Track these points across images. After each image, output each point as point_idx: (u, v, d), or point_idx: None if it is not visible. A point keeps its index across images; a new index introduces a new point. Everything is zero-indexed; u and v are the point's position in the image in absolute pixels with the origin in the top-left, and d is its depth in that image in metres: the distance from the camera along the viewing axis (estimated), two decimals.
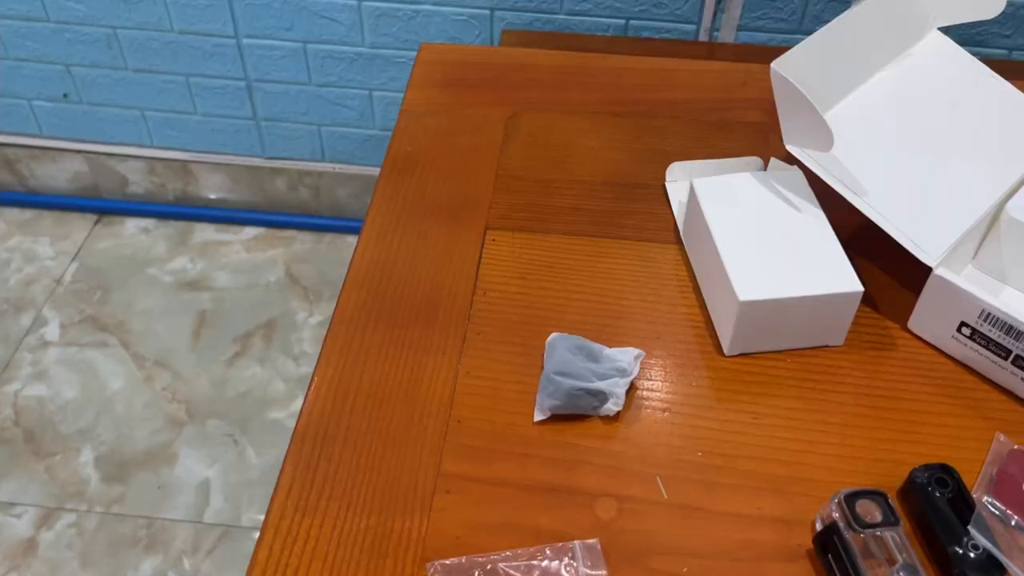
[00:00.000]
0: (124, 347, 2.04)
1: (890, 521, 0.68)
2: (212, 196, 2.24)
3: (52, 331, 2.05)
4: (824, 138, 0.83)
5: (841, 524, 0.68)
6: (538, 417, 0.78)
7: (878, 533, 0.68)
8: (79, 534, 1.72)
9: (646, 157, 1.03)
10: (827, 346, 0.85)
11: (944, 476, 0.72)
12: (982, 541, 0.68)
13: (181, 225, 2.28)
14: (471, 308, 0.88)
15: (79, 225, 2.28)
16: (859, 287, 0.80)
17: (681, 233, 0.94)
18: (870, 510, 0.69)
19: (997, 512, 0.72)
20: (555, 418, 0.79)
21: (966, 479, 0.73)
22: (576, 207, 0.97)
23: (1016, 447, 0.76)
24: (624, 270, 0.91)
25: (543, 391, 0.78)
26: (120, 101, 2.10)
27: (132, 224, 2.29)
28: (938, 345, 0.84)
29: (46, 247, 2.23)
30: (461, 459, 0.76)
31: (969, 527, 0.68)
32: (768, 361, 0.84)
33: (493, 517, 0.72)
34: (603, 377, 0.78)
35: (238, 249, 2.23)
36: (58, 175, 2.24)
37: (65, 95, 2.10)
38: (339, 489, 0.74)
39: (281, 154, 2.15)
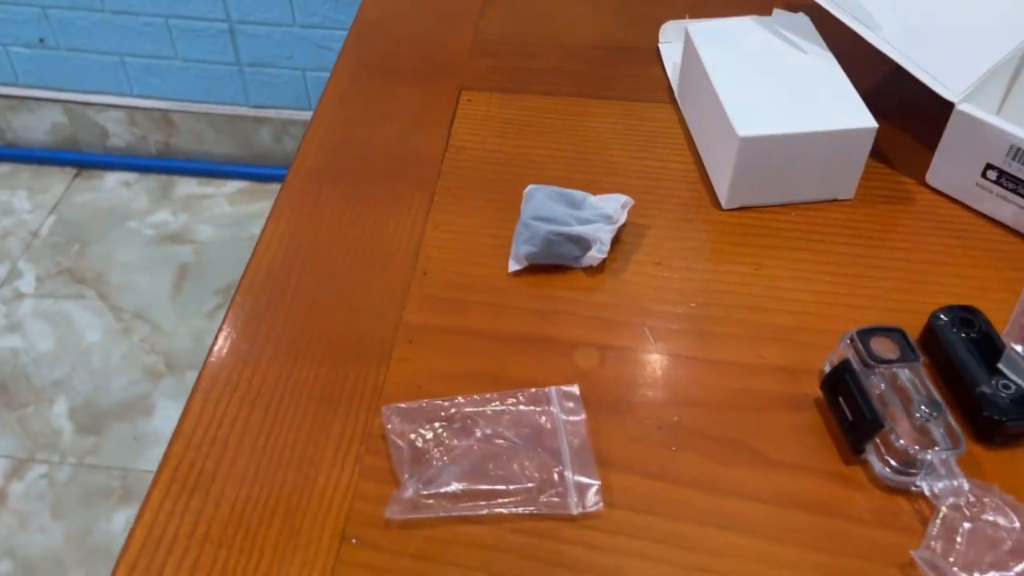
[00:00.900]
0: (102, 299, 1.95)
1: (909, 357, 0.59)
2: (194, 148, 2.15)
3: (27, 283, 1.97)
4: None
5: (854, 362, 0.59)
6: (513, 268, 0.70)
7: (895, 370, 0.59)
8: (51, 485, 1.64)
9: (637, 22, 0.94)
10: (836, 200, 0.76)
11: (969, 316, 0.63)
12: (1015, 379, 0.59)
13: (163, 179, 2.20)
14: (441, 165, 0.79)
15: (58, 178, 2.20)
16: (873, 123, 0.71)
17: (676, 93, 0.85)
18: (886, 347, 0.60)
19: None
20: (533, 269, 0.70)
21: (1001, 329, 0.64)
22: (559, 69, 0.89)
23: None
24: (610, 128, 0.82)
25: (518, 238, 0.69)
26: (98, 46, 2.02)
27: (112, 178, 2.21)
28: (959, 197, 0.76)
29: (23, 200, 2.15)
30: (427, 310, 0.68)
31: (1000, 365, 0.59)
32: (771, 214, 0.75)
33: (461, 366, 0.64)
34: (586, 223, 0.69)
35: (221, 203, 2.15)
36: (36, 126, 2.16)
37: (41, 40, 2.02)
38: (286, 339, 0.65)
39: (266, 102, 2.06)
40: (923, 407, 0.57)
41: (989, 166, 0.72)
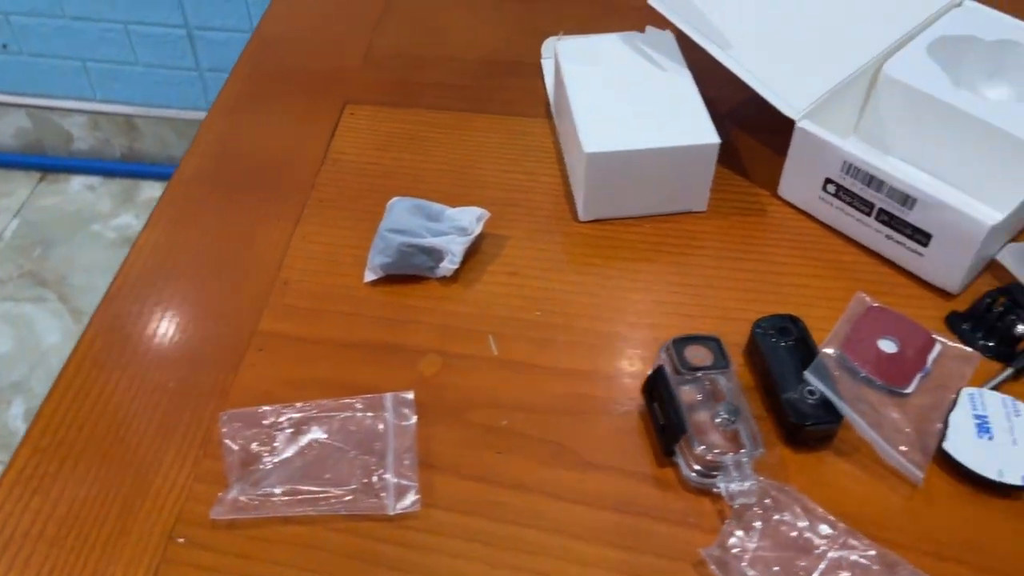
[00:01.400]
0: (62, 302, 1.99)
1: (720, 365, 0.62)
2: (158, 152, 2.19)
3: None
4: None
5: (668, 369, 0.63)
6: (369, 277, 0.73)
7: (713, 377, 0.62)
8: None
9: (529, 37, 0.97)
10: (690, 212, 0.79)
11: (788, 325, 0.67)
12: (818, 386, 0.62)
13: (127, 182, 2.23)
14: (317, 177, 0.82)
15: (23, 182, 2.23)
16: (716, 139, 0.74)
17: (551, 106, 0.89)
18: (700, 354, 0.63)
19: (848, 365, 0.66)
20: (390, 280, 0.73)
21: (824, 337, 0.67)
22: (447, 83, 0.92)
23: (875, 305, 0.71)
24: (487, 142, 0.86)
25: (374, 249, 0.73)
26: (60, 51, 2.05)
27: (77, 181, 2.24)
28: (807, 209, 0.79)
29: None
30: (282, 319, 0.71)
31: (805, 373, 0.63)
32: (625, 226, 0.78)
33: (308, 374, 0.67)
34: (440, 235, 0.73)
35: None
36: (1, 131, 2.20)
37: (4, 45, 2.06)
38: (144, 346, 0.69)
39: None
40: (723, 413, 0.61)
41: (828, 180, 0.75)
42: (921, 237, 0.71)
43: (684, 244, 0.76)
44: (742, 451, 0.59)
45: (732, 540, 0.58)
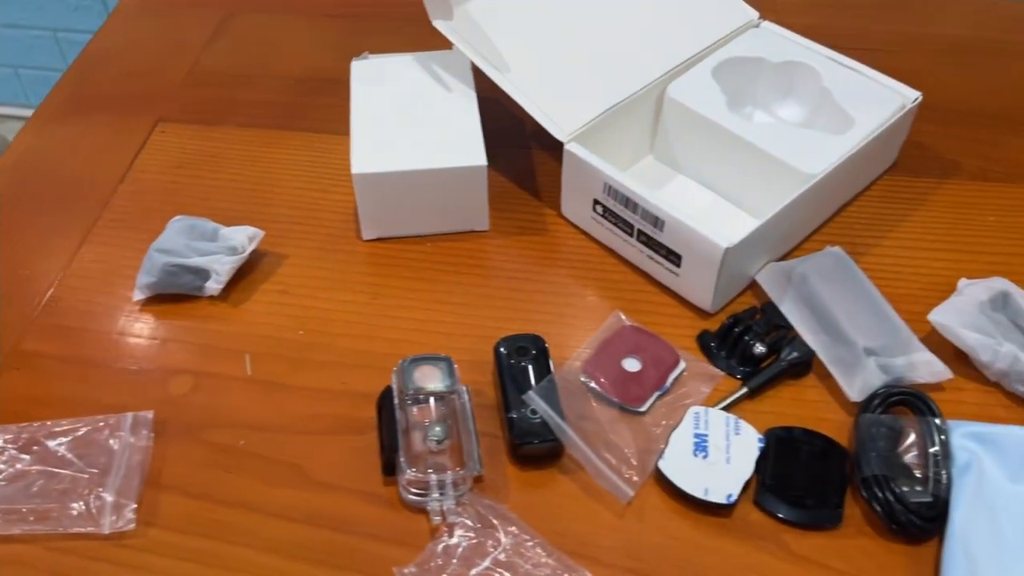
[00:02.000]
0: None
1: (448, 385, 0.64)
2: None
3: None
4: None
5: (395, 389, 0.64)
6: (137, 296, 0.74)
7: (423, 395, 0.63)
8: None
9: (352, 56, 0.98)
10: (474, 231, 0.80)
11: (528, 345, 0.68)
12: (537, 406, 0.64)
13: None
14: (113, 195, 0.83)
15: None
16: (483, 161, 0.75)
17: None
18: (430, 374, 0.64)
19: (587, 384, 0.67)
20: (161, 299, 0.75)
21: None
22: (263, 101, 0.94)
23: (627, 324, 0.72)
24: (290, 159, 0.87)
25: (142, 268, 0.74)
26: None
27: None
28: (585, 228, 0.80)
29: None
30: (46, 338, 0.72)
31: (527, 394, 0.64)
32: (407, 245, 0.79)
33: (60, 392, 0.69)
34: (208, 254, 0.74)
35: None
36: None
37: None
38: None
39: None
40: (434, 433, 0.62)
41: (596, 201, 0.76)
42: (674, 258, 0.72)
43: (463, 263, 0.78)
44: (447, 472, 0.60)
45: (435, 559, 0.59)
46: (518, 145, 0.78)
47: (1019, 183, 0.84)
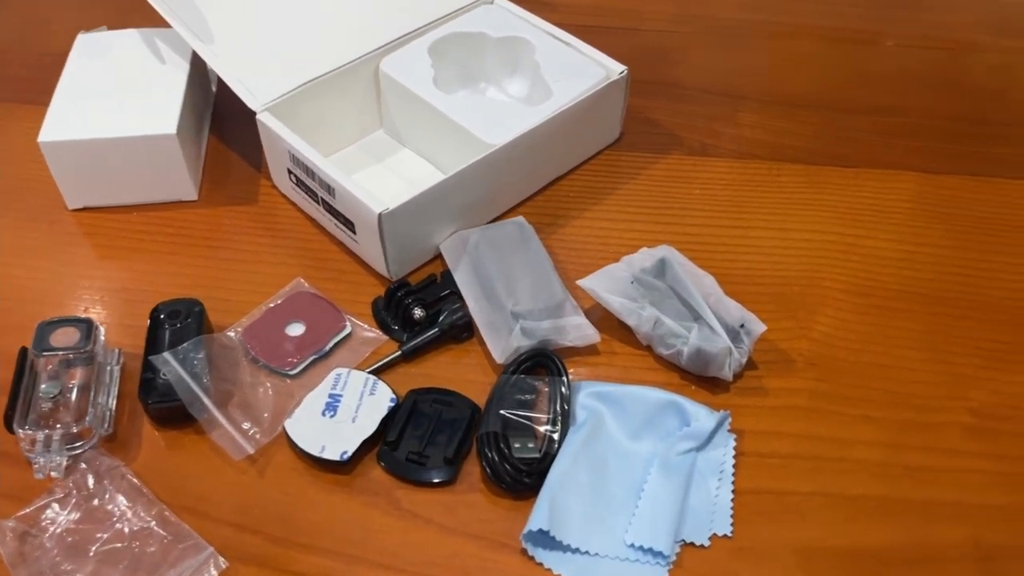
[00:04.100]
0: None
1: (81, 345, 0.65)
2: None
3: None
4: None
5: (30, 349, 0.65)
6: None
7: (60, 355, 0.64)
8: None
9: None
10: (182, 201, 0.81)
11: (181, 309, 0.69)
12: (172, 368, 0.65)
13: None
14: None
15: None
16: (172, 130, 0.76)
17: None
18: (68, 336, 0.65)
19: (249, 348, 0.69)
20: None
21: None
22: (17, 76, 0.94)
23: (305, 289, 0.73)
24: (20, 130, 0.87)
25: None
26: None
27: None
28: (289, 197, 0.81)
29: None
30: None
31: (154, 356, 0.65)
32: (114, 215, 0.81)
33: None
34: None
35: None
36: None
37: None
38: None
39: None
40: (44, 389, 0.63)
41: (288, 170, 0.77)
42: (349, 224, 0.73)
43: (174, 234, 0.79)
44: (57, 429, 0.61)
45: (47, 512, 0.60)
46: (248, 119, 0.79)
47: (733, 158, 0.85)
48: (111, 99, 0.79)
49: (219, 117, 0.89)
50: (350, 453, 0.62)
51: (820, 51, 0.98)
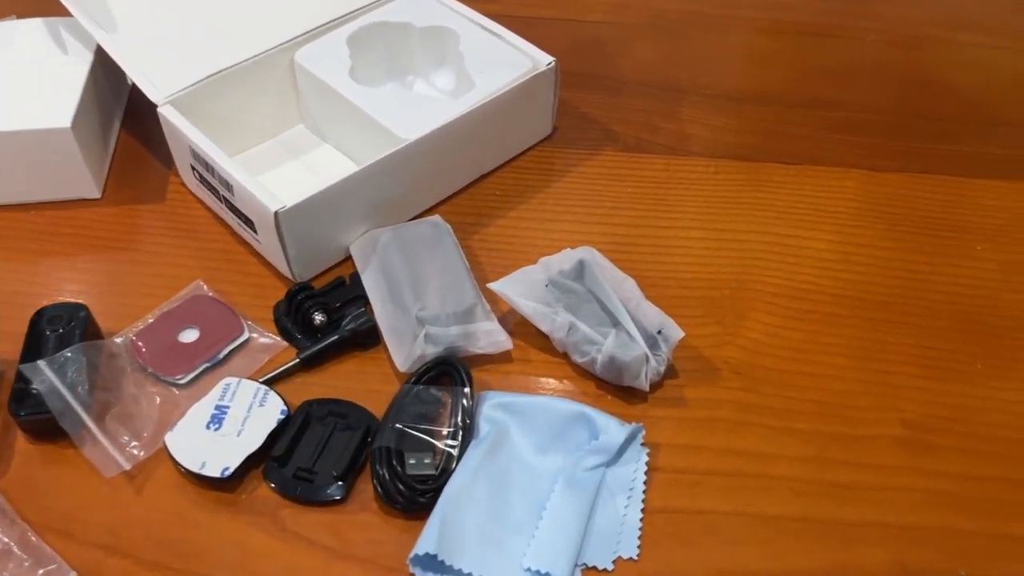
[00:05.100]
0: None
1: None
2: None
3: None
4: None
5: None
6: None
7: None
8: None
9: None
10: (84, 199, 0.77)
11: (63, 314, 0.64)
12: (46, 377, 0.60)
13: None
14: None
15: None
16: (67, 124, 0.72)
17: None
18: None
19: (136, 355, 0.64)
20: None
21: None
22: None
23: (203, 293, 0.69)
24: None
25: None
26: None
27: None
28: (197, 194, 0.77)
29: None
30: None
31: (25, 365, 0.60)
32: (10, 213, 0.76)
33: None
34: None
35: None
36: None
37: None
38: None
39: None
40: None
41: (191, 166, 0.73)
42: (250, 223, 0.69)
43: (78, 234, 0.75)
44: None
45: None
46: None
47: (669, 154, 0.81)
48: (6, 91, 0.74)
49: (138, 113, 0.85)
50: (232, 469, 0.58)
51: (765, 44, 0.94)
